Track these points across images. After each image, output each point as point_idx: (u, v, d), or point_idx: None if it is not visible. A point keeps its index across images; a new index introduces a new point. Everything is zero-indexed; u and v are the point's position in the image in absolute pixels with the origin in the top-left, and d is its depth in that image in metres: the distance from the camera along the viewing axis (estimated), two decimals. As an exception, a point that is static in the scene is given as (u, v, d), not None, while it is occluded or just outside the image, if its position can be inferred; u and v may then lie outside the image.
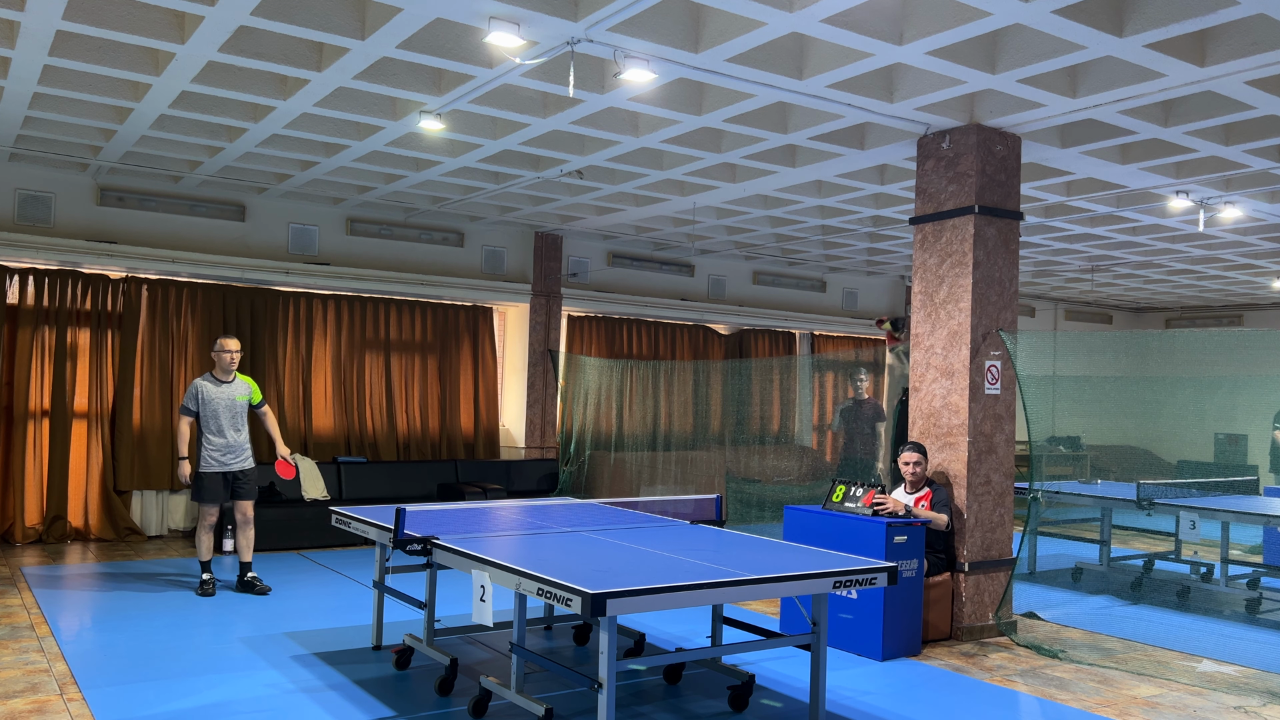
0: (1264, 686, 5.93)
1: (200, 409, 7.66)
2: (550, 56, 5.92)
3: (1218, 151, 7.56)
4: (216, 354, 7.77)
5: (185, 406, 7.69)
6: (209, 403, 7.67)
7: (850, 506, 6.72)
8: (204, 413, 7.66)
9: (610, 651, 4.12)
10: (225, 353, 7.75)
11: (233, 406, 7.75)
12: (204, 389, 7.69)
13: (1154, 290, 16.31)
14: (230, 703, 5.16)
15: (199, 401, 7.67)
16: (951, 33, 5.44)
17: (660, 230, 12.06)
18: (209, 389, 7.70)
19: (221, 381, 7.75)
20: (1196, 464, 12.53)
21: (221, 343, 7.79)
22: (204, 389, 7.69)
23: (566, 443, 12.67)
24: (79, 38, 6.25)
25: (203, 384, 7.72)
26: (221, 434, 7.68)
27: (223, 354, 7.75)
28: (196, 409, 7.67)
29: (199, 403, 7.67)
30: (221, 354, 7.75)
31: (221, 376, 7.77)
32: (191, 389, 7.71)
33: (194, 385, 7.73)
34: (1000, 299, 7.13)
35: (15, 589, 7.68)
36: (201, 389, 7.69)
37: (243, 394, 7.82)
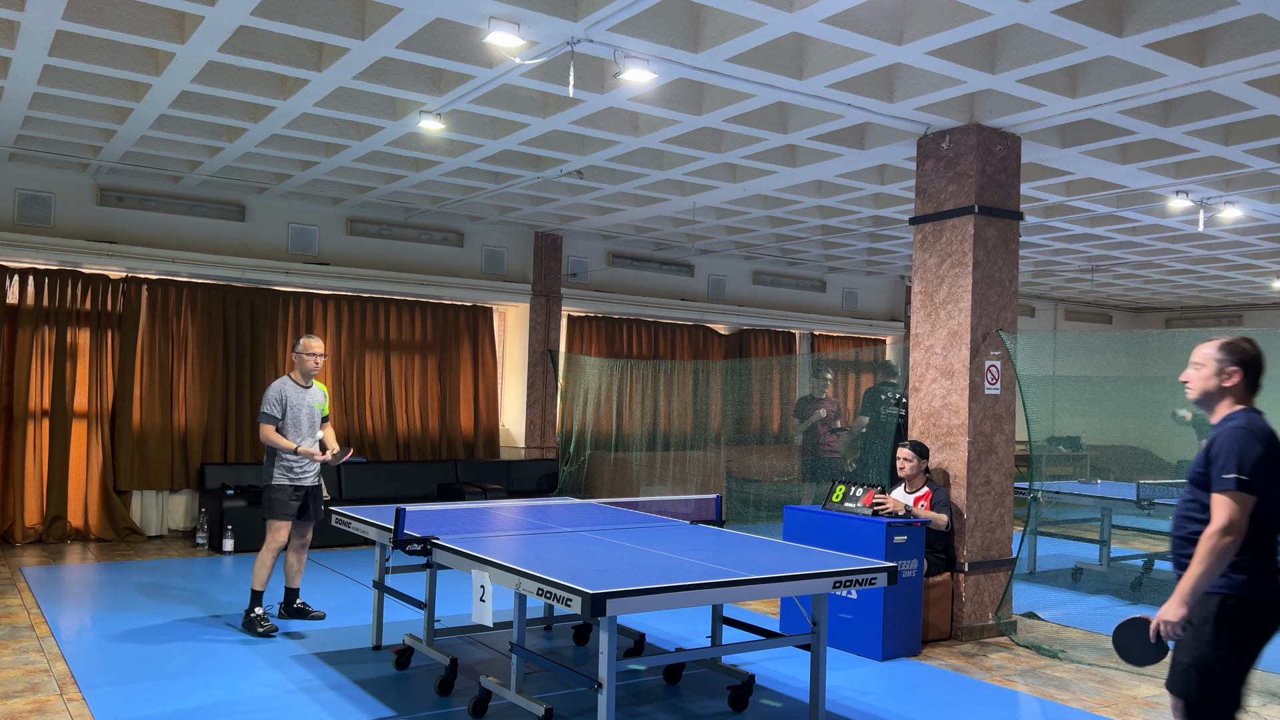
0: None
1: (284, 414, 6.72)
2: (550, 56, 5.92)
3: (1218, 151, 7.56)
4: (299, 356, 6.82)
5: (268, 414, 6.65)
6: (293, 408, 6.73)
7: (850, 506, 6.72)
8: (287, 419, 6.72)
9: (610, 651, 4.12)
10: (310, 355, 6.81)
11: (312, 414, 6.85)
12: (288, 393, 6.74)
13: (1154, 290, 16.31)
14: (230, 703, 5.16)
15: (284, 406, 6.72)
16: (951, 33, 5.44)
17: (660, 230, 12.06)
18: (293, 394, 6.76)
19: (303, 386, 6.84)
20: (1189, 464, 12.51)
21: (305, 344, 6.84)
22: (288, 393, 6.74)
23: (566, 443, 12.67)
24: (79, 38, 6.24)
25: (286, 388, 6.76)
26: (307, 443, 6.80)
27: (306, 357, 6.80)
28: (281, 414, 6.70)
29: (284, 407, 6.72)
30: (305, 357, 6.81)
31: (302, 381, 6.84)
32: (275, 392, 6.71)
33: (277, 389, 6.73)
34: (1000, 299, 7.13)
35: (15, 589, 7.67)
36: (286, 393, 6.74)
37: (320, 401, 6.95)
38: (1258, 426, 3.41)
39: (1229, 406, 3.53)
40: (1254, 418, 3.46)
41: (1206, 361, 3.60)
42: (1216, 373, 3.56)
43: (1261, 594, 3.32)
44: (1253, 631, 3.34)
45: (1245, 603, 3.31)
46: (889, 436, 9.82)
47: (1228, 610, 3.33)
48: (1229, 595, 3.33)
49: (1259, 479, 3.29)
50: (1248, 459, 3.30)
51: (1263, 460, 3.32)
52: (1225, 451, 3.35)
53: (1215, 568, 3.27)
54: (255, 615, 6.56)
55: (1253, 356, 3.54)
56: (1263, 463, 3.31)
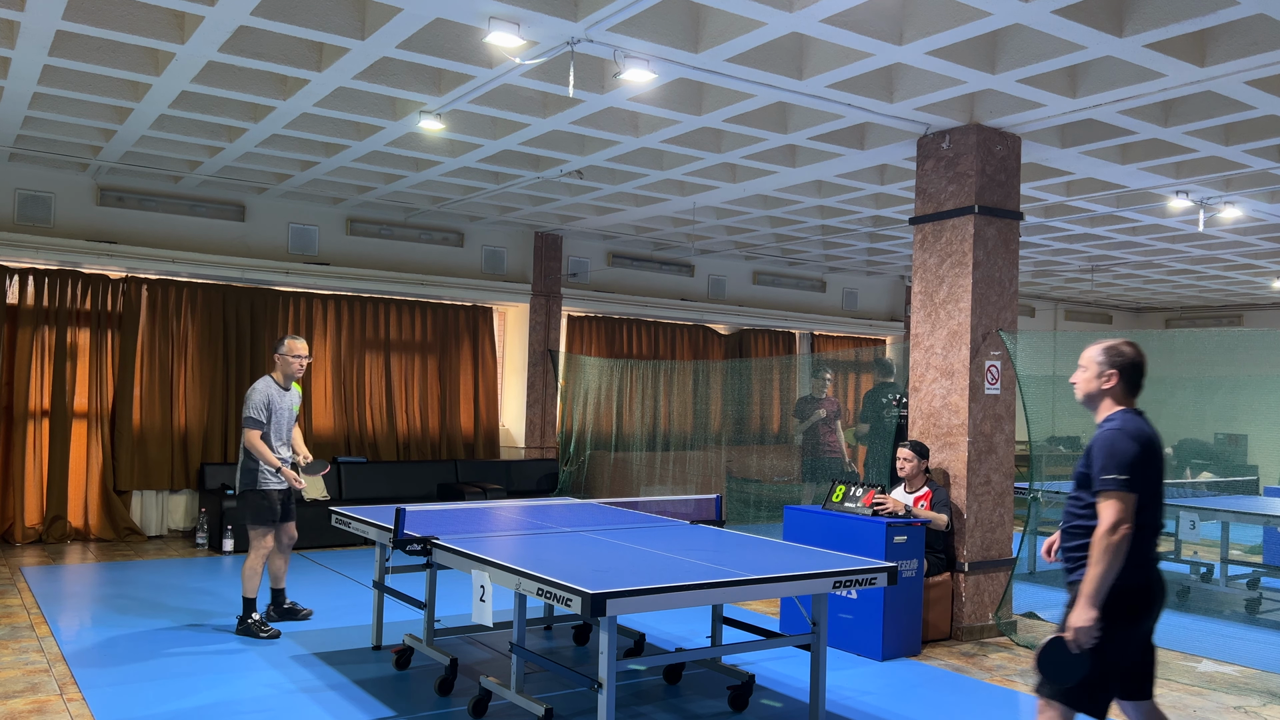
0: (1264, 686, 5.93)
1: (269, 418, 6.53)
2: (550, 56, 5.92)
3: (1218, 151, 7.56)
4: (283, 358, 6.63)
5: (255, 419, 6.42)
6: (277, 411, 6.56)
7: (850, 506, 6.72)
8: (272, 422, 6.55)
9: (610, 651, 4.12)
10: (296, 358, 6.64)
11: (290, 417, 6.71)
12: (272, 396, 6.56)
13: (1154, 290, 16.31)
14: (230, 703, 5.16)
15: (270, 410, 6.53)
16: (951, 33, 5.44)
17: (660, 230, 12.06)
18: (276, 396, 6.58)
19: (283, 388, 6.67)
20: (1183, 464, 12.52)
21: (290, 345, 6.66)
22: (272, 396, 6.56)
23: (566, 443, 12.67)
24: (79, 38, 6.24)
25: (271, 390, 6.57)
26: (285, 447, 6.65)
27: (291, 359, 6.63)
28: (267, 419, 6.50)
29: (269, 411, 6.52)
30: (290, 359, 6.63)
31: (283, 383, 6.66)
32: (260, 397, 6.47)
33: (261, 392, 6.50)
34: (1000, 299, 7.13)
35: (15, 589, 7.67)
36: (271, 396, 6.55)
37: (296, 403, 6.78)
38: (1132, 427, 3.55)
39: (1109, 408, 3.68)
40: (1129, 419, 3.60)
41: (1089, 364, 3.75)
42: (1097, 375, 3.70)
43: (1131, 583, 3.47)
44: (1124, 618, 3.48)
45: (1113, 592, 3.44)
46: (889, 436, 9.82)
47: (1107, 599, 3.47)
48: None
49: (1136, 478, 3.45)
50: (1125, 459, 3.45)
51: (1138, 459, 3.47)
52: (1103, 453, 3.50)
53: (1113, 565, 3.40)
54: (253, 621, 6.48)
55: (1130, 360, 3.67)
56: (1138, 461, 3.47)
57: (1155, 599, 3.59)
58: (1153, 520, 3.57)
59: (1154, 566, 3.60)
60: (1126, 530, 3.41)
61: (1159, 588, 3.61)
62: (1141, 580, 3.53)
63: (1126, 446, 3.48)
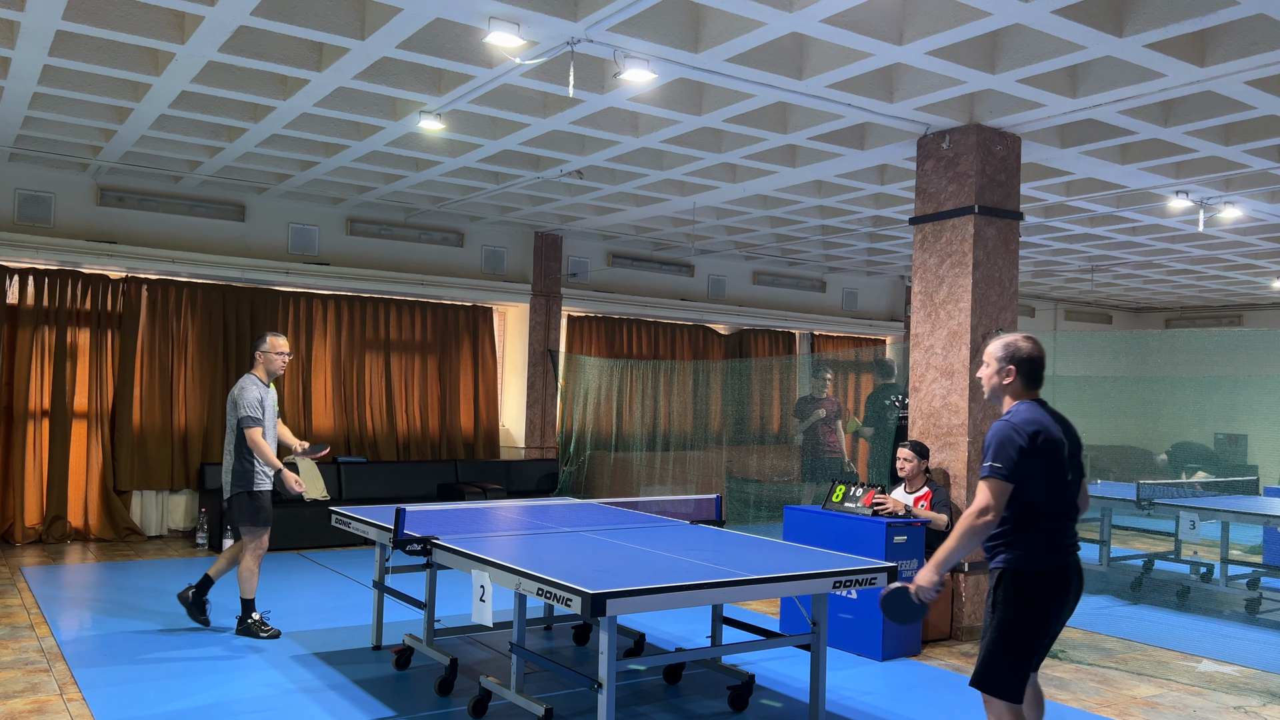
0: (1264, 686, 5.93)
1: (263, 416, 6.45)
2: (550, 56, 5.92)
3: (1218, 151, 7.56)
4: (266, 355, 6.53)
5: (254, 417, 6.32)
6: (268, 410, 6.48)
7: (850, 506, 6.72)
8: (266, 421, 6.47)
9: (610, 651, 4.12)
10: (279, 355, 6.55)
11: (274, 414, 6.65)
12: (266, 398, 6.45)
13: (1154, 290, 16.31)
14: (230, 703, 5.15)
15: (263, 408, 6.43)
16: (951, 33, 5.44)
17: (660, 230, 12.06)
18: (263, 394, 6.46)
19: (266, 386, 6.55)
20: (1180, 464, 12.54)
21: (273, 342, 6.56)
22: (266, 398, 6.45)
23: (566, 443, 12.67)
24: (79, 38, 6.24)
25: (259, 388, 6.44)
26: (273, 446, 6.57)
27: (275, 356, 6.53)
28: (261, 417, 6.41)
29: (263, 409, 6.43)
30: (274, 356, 6.53)
31: (265, 379, 6.55)
32: (253, 394, 6.36)
33: (251, 390, 6.38)
34: (1000, 299, 7.13)
35: (15, 589, 7.67)
36: (263, 394, 6.44)
37: (275, 400, 6.69)
38: (1021, 420, 3.71)
39: (1011, 402, 3.87)
40: (1023, 411, 3.76)
41: (990, 361, 3.93)
42: (997, 371, 3.89)
43: (1040, 566, 3.67)
44: (1035, 599, 3.67)
45: (1021, 576, 3.67)
46: (889, 436, 9.82)
47: (1008, 583, 3.69)
48: (1007, 569, 3.71)
49: (1016, 469, 3.62)
50: (1005, 451, 3.63)
51: (1022, 452, 3.63)
52: (988, 444, 3.71)
53: (967, 544, 3.65)
54: (253, 621, 6.46)
55: (1027, 354, 3.84)
56: (1023, 454, 3.63)
57: (1071, 584, 3.75)
58: (1057, 508, 3.72)
59: (1068, 553, 3.75)
60: (993, 517, 3.61)
61: (1076, 574, 3.77)
62: (1056, 564, 3.70)
63: (1006, 436, 3.65)
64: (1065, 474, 3.75)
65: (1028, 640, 3.68)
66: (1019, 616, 3.67)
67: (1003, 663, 3.68)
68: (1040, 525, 3.68)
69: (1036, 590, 3.67)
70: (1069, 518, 3.78)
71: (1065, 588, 3.72)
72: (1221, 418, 12.27)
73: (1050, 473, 3.69)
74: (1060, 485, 3.74)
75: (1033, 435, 3.66)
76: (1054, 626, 3.75)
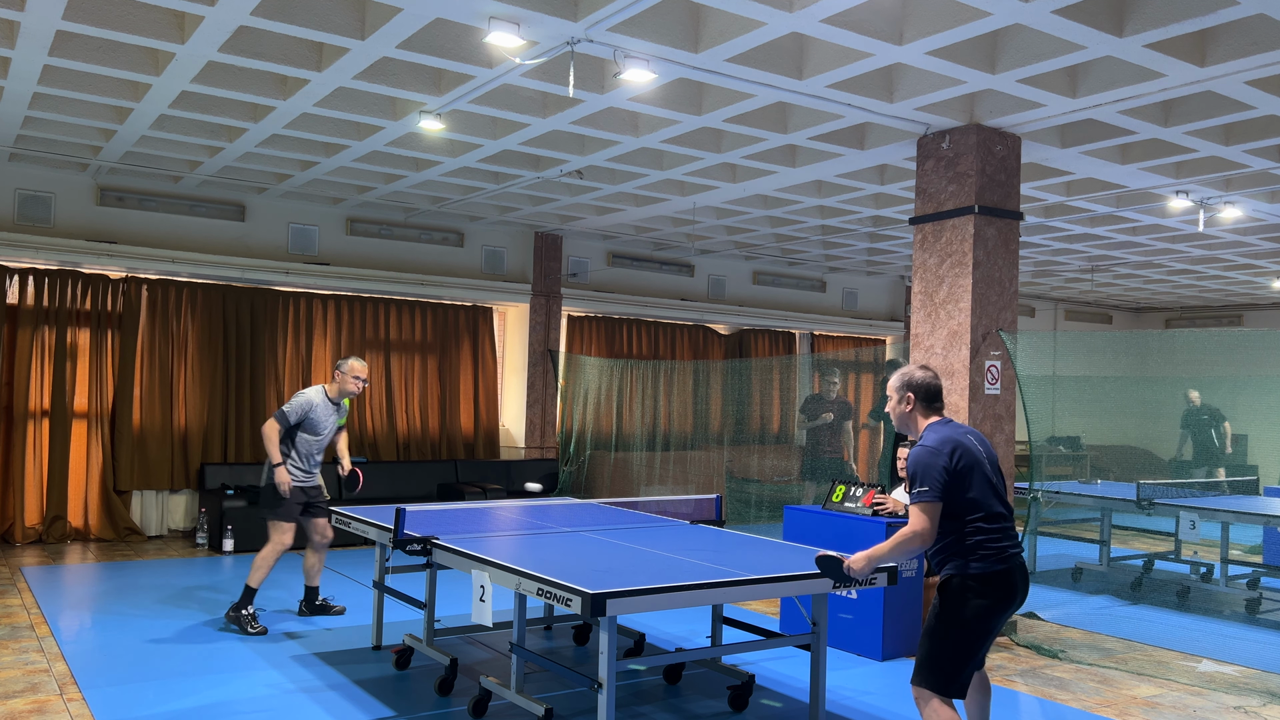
0: (1264, 686, 5.93)
1: (302, 424, 6.73)
2: (550, 56, 5.92)
3: (1218, 151, 7.56)
4: (344, 376, 6.74)
5: (281, 414, 6.66)
6: (317, 421, 6.75)
7: (850, 506, 6.72)
8: (307, 427, 6.73)
9: (610, 651, 4.12)
10: (356, 379, 6.75)
11: (333, 429, 6.92)
12: (317, 407, 6.74)
13: (1154, 290, 16.32)
14: (230, 703, 5.16)
15: (305, 417, 6.71)
16: (951, 33, 5.44)
17: (660, 230, 12.06)
18: (321, 409, 6.76)
19: (332, 403, 6.84)
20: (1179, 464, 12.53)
21: (353, 366, 6.77)
22: (317, 407, 6.74)
23: (566, 443, 12.67)
24: (79, 38, 6.25)
25: (318, 401, 6.76)
26: (314, 455, 6.83)
27: (351, 380, 6.74)
28: (295, 424, 6.70)
29: (303, 418, 6.71)
30: (350, 379, 6.74)
31: (335, 397, 6.83)
32: (304, 402, 6.70)
33: (307, 399, 6.71)
34: (1000, 299, 7.13)
35: (15, 589, 7.68)
36: (315, 407, 6.73)
37: (340, 418, 6.96)
38: (933, 441, 3.92)
39: (920, 425, 4.09)
40: (933, 433, 3.98)
41: (891, 393, 4.18)
42: (899, 401, 4.14)
43: (982, 571, 3.86)
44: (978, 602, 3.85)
45: (966, 581, 3.87)
46: (890, 436, 9.82)
47: (955, 587, 3.89)
48: (954, 575, 3.90)
49: (941, 488, 3.83)
50: (930, 474, 3.84)
51: (944, 471, 3.84)
52: (912, 472, 3.91)
53: (897, 556, 3.90)
54: (246, 614, 6.55)
55: (919, 380, 4.11)
56: (946, 472, 3.84)
57: (1016, 587, 3.92)
58: (989, 515, 3.90)
59: (1008, 557, 3.91)
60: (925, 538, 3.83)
61: (1020, 576, 3.94)
62: (998, 569, 3.87)
63: (929, 462, 3.85)
64: (989, 481, 3.94)
65: (970, 641, 3.86)
66: (962, 619, 3.85)
67: (945, 662, 3.86)
68: (980, 533, 3.88)
69: (979, 594, 3.85)
70: (1003, 521, 3.94)
71: (1008, 590, 3.89)
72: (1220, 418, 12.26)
73: (976, 483, 3.89)
74: (987, 492, 3.92)
75: (950, 453, 3.87)
76: (996, 627, 3.93)
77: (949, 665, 3.86)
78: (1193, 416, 11.90)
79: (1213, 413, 11.84)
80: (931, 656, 3.88)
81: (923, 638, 3.94)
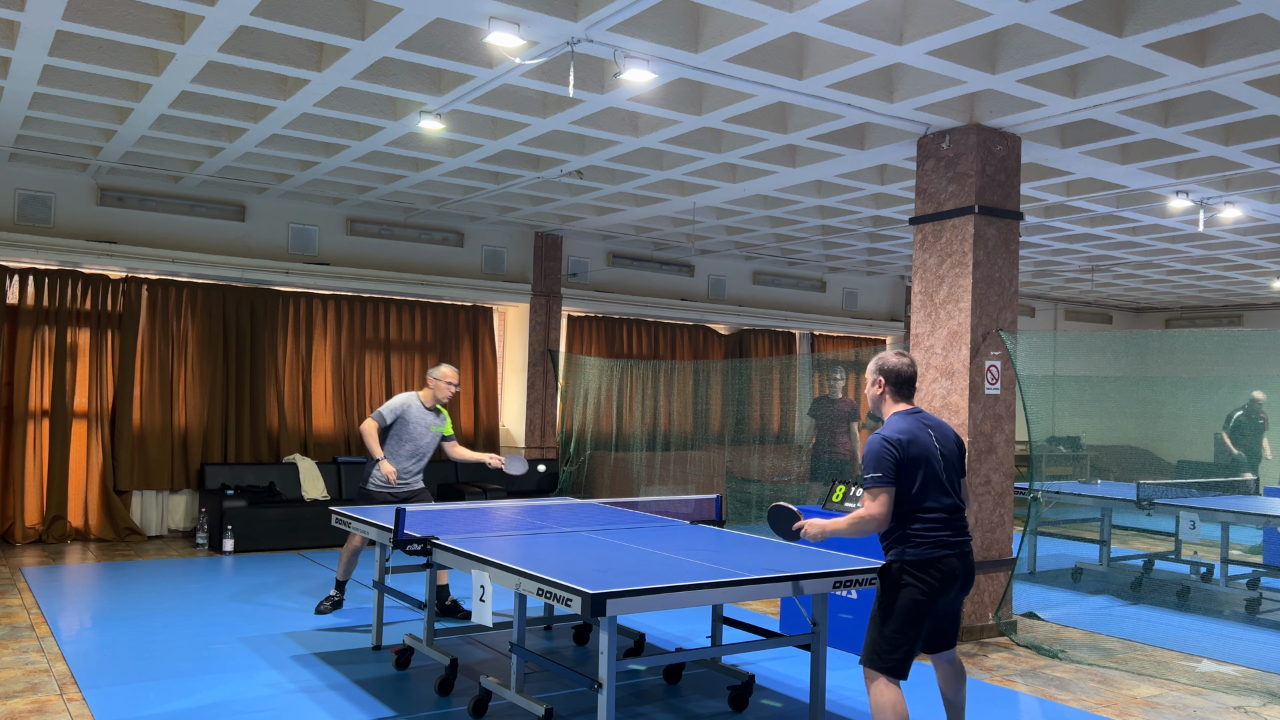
0: (1264, 686, 5.94)
1: (395, 425, 6.93)
2: (550, 56, 5.92)
3: (1218, 151, 7.56)
4: (436, 383, 7.02)
5: (378, 413, 6.92)
6: (410, 424, 6.94)
7: (850, 506, 6.71)
8: (397, 431, 6.93)
9: (610, 651, 4.12)
10: (449, 384, 7.02)
11: (429, 434, 7.04)
12: (411, 409, 6.96)
13: (1154, 290, 16.32)
14: (230, 703, 5.16)
15: (399, 418, 6.92)
16: (951, 33, 5.44)
17: (660, 230, 12.06)
18: (415, 410, 6.97)
19: (427, 408, 7.05)
20: (1196, 464, 12.54)
21: (445, 372, 7.04)
22: (411, 409, 6.96)
23: (566, 443, 12.67)
24: (79, 38, 6.25)
25: (412, 404, 6.98)
26: (413, 460, 7.00)
27: (445, 385, 7.01)
28: (390, 422, 6.91)
29: (397, 417, 6.92)
30: (443, 385, 7.01)
31: (429, 403, 7.06)
32: (400, 402, 6.95)
33: (403, 400, 6.97)
34: (1000, 299, 7.13)
35: (15, 589, 7.68)
36: (409, 408, 6.95)
37: (439, 424, 7.10)
38: (890, 430, 4.13)
39: (889, 412, 4.30)
40: (893, 422, 4.20)
41: (867, 377, 4.40)
42: (871, 384, 4.35)
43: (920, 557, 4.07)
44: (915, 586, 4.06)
45: (904, 565, 4.09)
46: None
47: (894, 571, 4.12)
48: (894, 561, 4.14)
49: (893, 475, 4.06)
50: (880, 462, 4.06)
51: (896, 459, 4.06)
52: (865, 458, 4.14)
53: (851, 533, 4.13)
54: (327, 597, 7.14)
55: (892, 367, 4.28)
56: (896, 461, 4.06)
57: (953, 573, 4.10)
58: (934, 506, 4.11)
59: (945, 544, 4.11)
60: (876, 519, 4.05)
61: (957, 563, 4.12)
62: (936, 555, 4.08)
63: (879, 450, 4.07)
64: (940, 475, 4.14)
65: (906, 624, 4.05)
66: (898, 603, 4.06)
67: (884, 643, 4.05)
68: (920, 521, 4.09)
69: (914, 579, 4.06)
70: (949, 513, 4.15)
71: (944, 576, 4.09)
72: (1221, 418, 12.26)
73: (922, 474, 4.09)
74: (933, 484, 4.12)
75: (902, 443, 4.08)
76: (938, 610, 4.13)
77: (888, 646, 4.05)
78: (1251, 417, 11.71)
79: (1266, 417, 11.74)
80: (872, 638, 4.10)
81: (869, 620, 4.16)
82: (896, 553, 4.13)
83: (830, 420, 10.64)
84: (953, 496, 4.18)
